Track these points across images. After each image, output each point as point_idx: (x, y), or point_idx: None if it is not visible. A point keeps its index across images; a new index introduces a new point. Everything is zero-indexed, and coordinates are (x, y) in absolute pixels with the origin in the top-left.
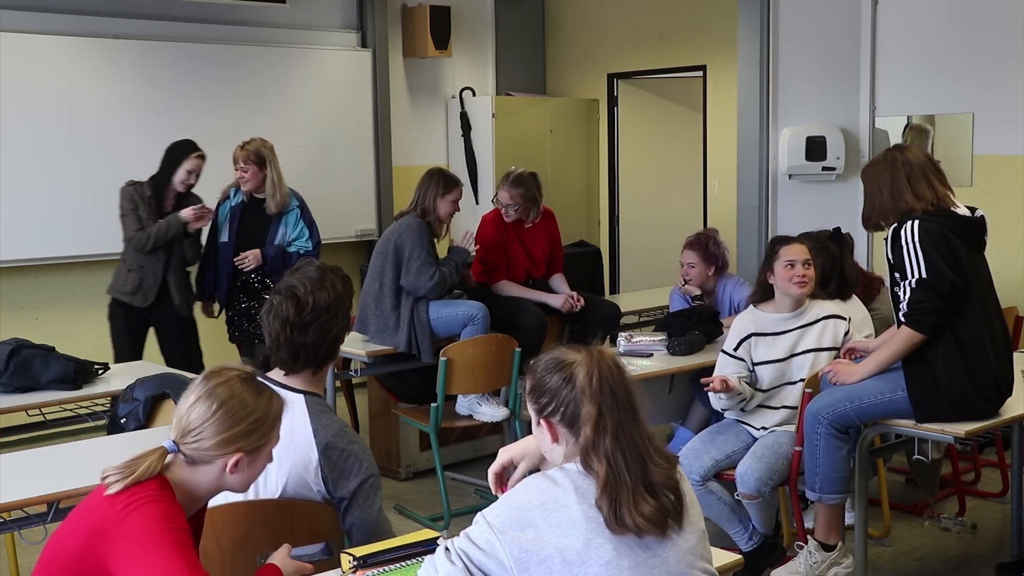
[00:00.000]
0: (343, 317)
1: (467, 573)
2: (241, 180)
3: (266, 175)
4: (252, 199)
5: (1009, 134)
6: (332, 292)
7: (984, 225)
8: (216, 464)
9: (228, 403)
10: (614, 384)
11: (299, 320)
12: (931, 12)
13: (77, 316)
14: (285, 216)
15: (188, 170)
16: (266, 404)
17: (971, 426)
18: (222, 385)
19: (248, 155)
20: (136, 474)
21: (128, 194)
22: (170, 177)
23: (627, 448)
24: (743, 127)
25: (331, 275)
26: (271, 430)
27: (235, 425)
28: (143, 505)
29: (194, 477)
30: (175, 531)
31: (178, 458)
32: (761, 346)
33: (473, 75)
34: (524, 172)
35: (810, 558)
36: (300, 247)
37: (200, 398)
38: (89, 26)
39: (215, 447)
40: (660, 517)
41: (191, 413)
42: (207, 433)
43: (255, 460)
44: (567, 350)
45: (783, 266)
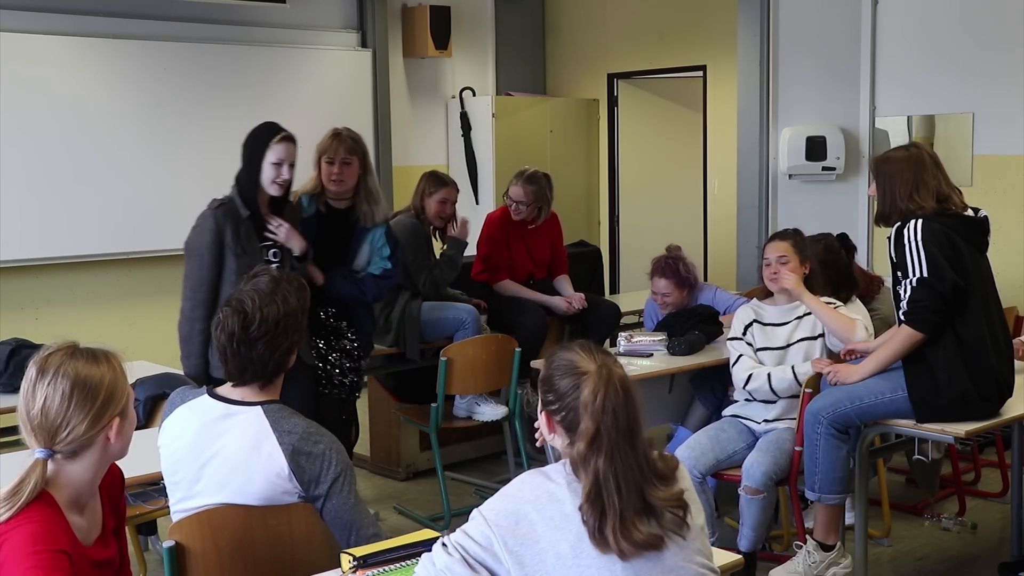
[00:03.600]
0: (294, 332)
1: (465, 564)
2: (332, 180)
3: (365, 175)
4: (329, 209)
5: (1009, 134)
6: (282, 307)
7: (987, 225)
8: (97, 443)
9: (78, 383)
10: (617, 407)
11: (245, 335)
12: (931, 12)
13: (77, 316)
14: (372, 232)
15: (274, 161)
16: (107, 367)
17: (971, 426)
18: (59, 369)
19: (351, 146)
20: (23, 500)
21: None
22: (257, 177)
23: (620, 471)
24: (743, 127)
25: (285, 286)
26: (126, 383)
27: (96, 399)
28: (12, 532)
29: (80, 467)
30: (40, 554)
31: (57, 459)
32: (761, 334)
33: (473, 75)
34: (539, 171)
35: (809, 558)
36: (379, 267)
37: (47, 392)
38: (89, 26)
39: (89, 428)
40: (655, 542)
41: (47, 411)
42: (75, 420)
43: (126, 418)
44: (583, 355)
45: (764, 264)
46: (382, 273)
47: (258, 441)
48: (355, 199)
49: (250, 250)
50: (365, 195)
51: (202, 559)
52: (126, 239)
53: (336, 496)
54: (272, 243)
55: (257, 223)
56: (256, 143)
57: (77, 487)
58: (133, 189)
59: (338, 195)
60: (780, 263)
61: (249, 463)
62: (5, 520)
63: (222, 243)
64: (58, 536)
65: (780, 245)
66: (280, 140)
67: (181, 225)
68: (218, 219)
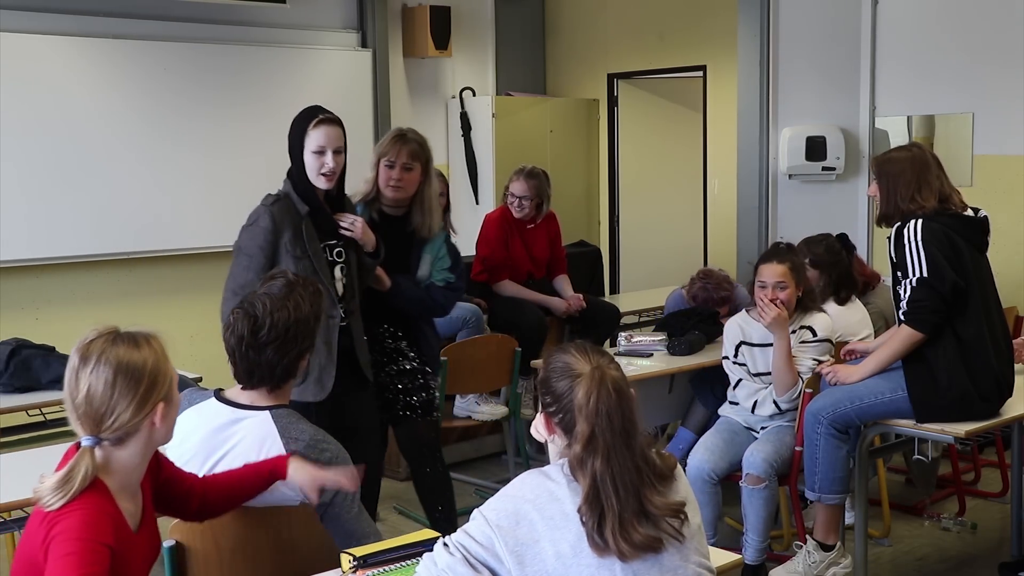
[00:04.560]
0: (304, 338)
1: (466, 564)
2: (390, 186)
3: (425, 183)
4: (384, 216)
5: (1009, 134)
6: (294, 313)
7: (987, 225)
8: (143, 428)
9: (120, 369)
10: (611, 409)
11: (254, 340)
12: (931, 12)
13: (77, 316)
14: (430, 242)
15: (315, 149)
16: (148, 350)
17: (971, 426)
18: (101, 356)
19: (415, 150)
20: (75, 488)
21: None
22: (304, 170)
23: (617, 473)
24: (743, 127)
25: (300, 291)
26: (168, 366)
27: (139, 384)
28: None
29: (127, 452)
30: (81, 541)
31: (105, 446)
32: (750, 357)
33: (473, 75)
34: (537, 167)
35: (808, 558)
36: (443, 279)
37: (90, 380)
38: (89, 26)
39: (135, 414)
40: (654, 544)
41: (91, 398)
42: (121, 407)
43: (171, 403)
44: (579, 356)
45: (758, 285)
46: (446, 284)
47: (264, 446)
48: (410, 208)
49: (312, 252)
50: (420, 205)
51: (202, 559)
52: (126, 239)
53: (339, 505)
54: (335, 243)
55: (317, 221)
56: (294, 132)
57: (127, 473)
58: (133, 189)
59: (396, 202)
60: (778, 288)
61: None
62: (58, 509)
63: (278, 244)
64: (104, 527)
65: (778, 269)
66: (317, 124)
67: (181, 225)
68: (275, 217)
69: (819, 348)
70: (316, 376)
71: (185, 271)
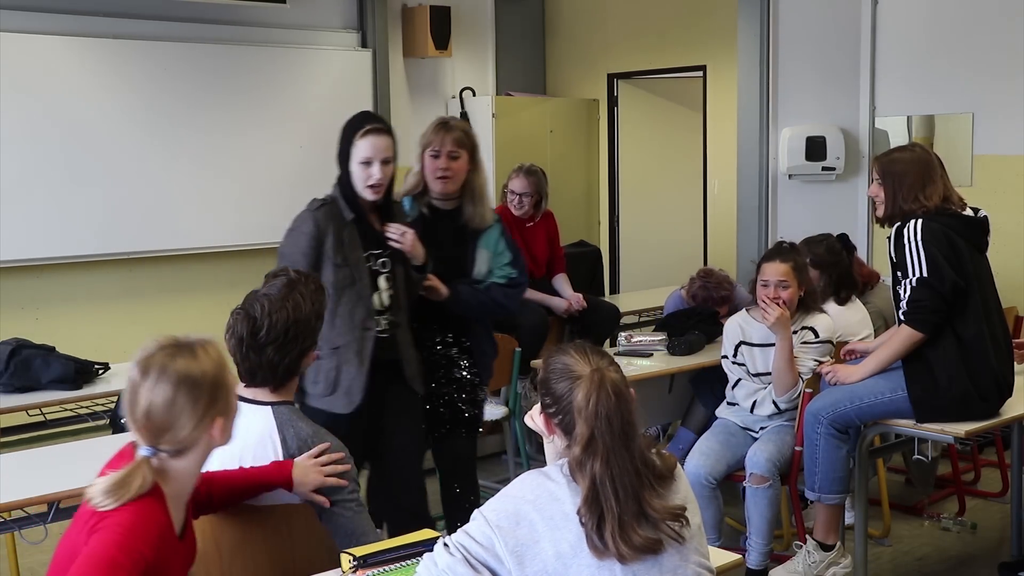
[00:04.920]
0: (305, 337)
1: (467, 564)
2: (438, 178)
3: (473, 172)
4: (434, 210)
5: (1009, 134)
6: (292, 313)
7: (987, 225)
8: (202, 441)
9: (180, 383)
10: (610, 411)
11: (253, 341)
12: (931, 12)
13: (77, 316)
14: (485, 235)
15: (362, 160)
16: (206, 360)
17: (971, 426)
18: (163, 369)
19: (460, 137)
20: (129, 495)
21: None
22: (350, 178)
23: (616, 474)
24: (743, 127)
25: (300, 290)
26: (227, 377)
27: (199, 399)
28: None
29: (184, 463)
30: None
31: (161, 456)
32: (750, 357)
33: (473, 75)
34: (535, 165)
35: (808, 558)
36: (504, 275)
37: (150, 397)
38: (89, 26)
39: (194, 428)
40: (654, 546)
41: (150, 410)
42: (180, 422)
43: (229, 414)
44: (578, 358)
45: (760, 284)
46: (508, 282)
47: (262, 441)
48: (461, 198)
49: (353, 260)
50: (470, 194)
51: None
52: (126, 239)
53: (338, 505)
54: (380, 252)
55: (363, 229)
56: (342, 139)
57: (183, 482)
58: (133, 189)
59: (445, 194)
60: (780, 288)
61: (254, 462)
62: (109, 510)
63: (321, 250)
64: (148, 536)
65: (781, 268)
66: (365, 134)
67: (181, 225)
68: (319, 221)
69: (820, 349)
70: (345, 387)
71: (185, 271)
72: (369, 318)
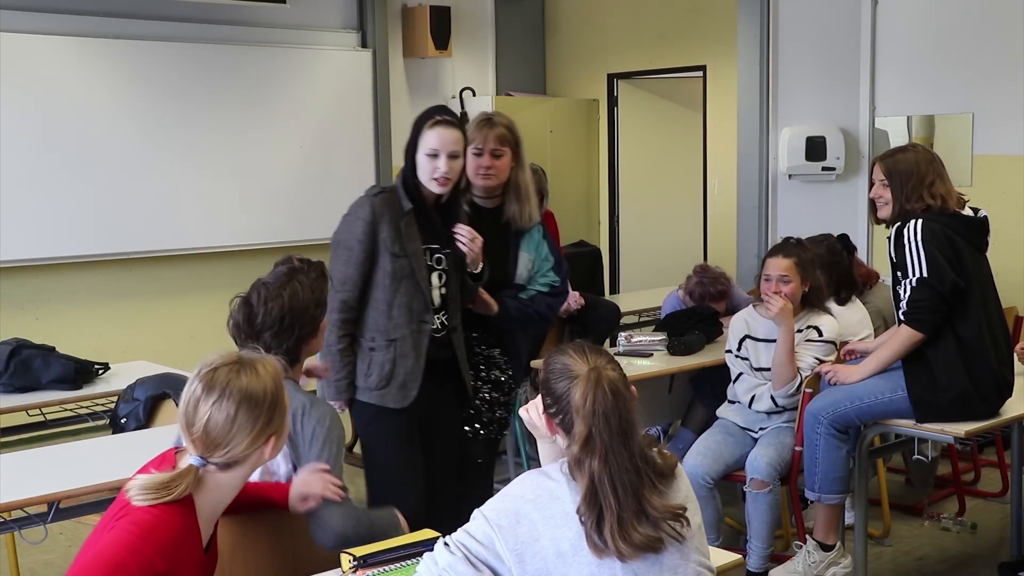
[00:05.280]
0: (303, 325)
1: (467, 563)
2: (480, 175)
3: (517, 169)
4: (476, 208)
5: (1009, 134)
6: (289, 301)
7: (987, 225)
8: (252, 457)
9: (242, 402)
10: (607, 410)
11: (250, 329)
12: (931, 12)
13: (77, 316)
14: (527, 236)
15: (428, 152)
16: (267, 378)
17: (971, 426)
18: (227, 387)
19: (503, 134)
20: (167, 499)
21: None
22: (415, 170)
23: (615, 473)
24: (743, 127)
25: (300, 278)
26: (284, 398)
27: (258, 419)
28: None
29: (230, 476)
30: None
31: (209, 468)
32: (754, 351)
33: (473, 75)
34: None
35: (808, 558)
36: (547, 282)
37: (211, 412)
38: (89, 26)
39: (249, 447)
40: (654, 544)
41: (209, 425)
42: (237, 439)
43: (283, 431)
44: (577, 357)
45: (763, 278)
46: (551, 290)
47: None
48: (504, 196)
49: (411, 251)
50: (514, 192)
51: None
52: (126, 239)
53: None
54: (436, 248)
55: (423, 221)
56: (412, 129)
57: (222, 495)
58: (133, 189)
59: (488, 191)
60: (781, 282)
61: None
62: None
63: (376, 237)
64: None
65: (783, 263)
66: (434, 125)
67: (181, 225)
68: (375, 208)
69: (823, 348)
70: (401, 382)
71: (185, 271)
72: (427, 311)
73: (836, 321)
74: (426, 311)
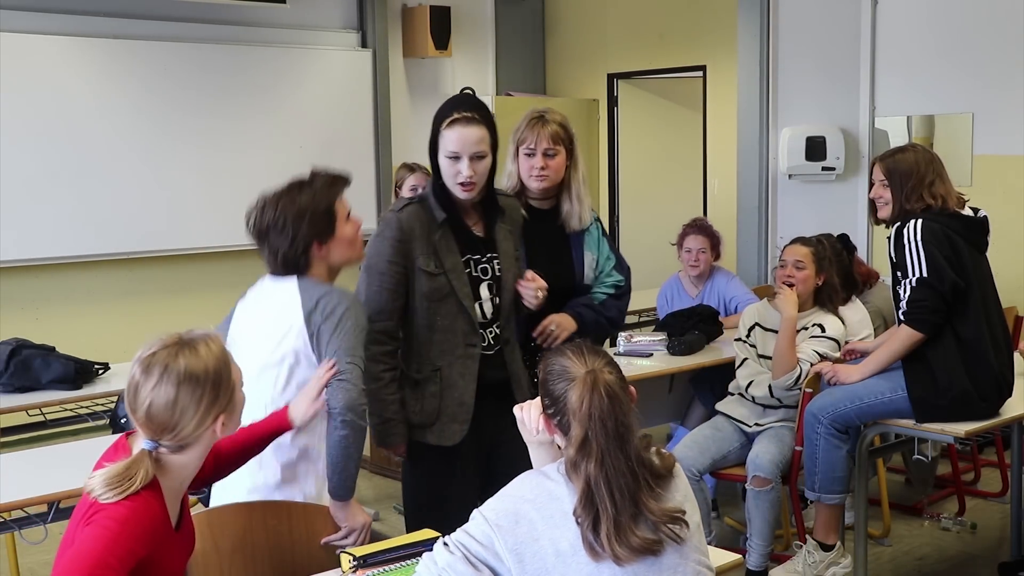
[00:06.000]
0: (311, 226)
1: (467, 563)
2: (533, 176)
3: (573, 168)
4: (532, 210)
5: (1009, 134)
6: (295, 204)
7: (987, 225)
8: (204, 437)
9: (182, 384)
10: (603, 413)
11: (256, 231)
12: (931, 12)
13: (77, 316)
14: (587, 236)
15: (448, 154)
16: (208, 355)
17: (971, 426)
18: (164, 371)
19: (556, 132)
20: (133, 488)
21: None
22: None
23: (612, 476)
24: (743, 127)
25: (314, 182)
26: (230, 374)
27: (201, 399)
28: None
29: (185, 458)
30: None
31: (162, 451)
32: (762, 339)
33: (473, 75)
34: None
35: (808, 557)
36: (612, 283)
37: (152, 396)
38: (89, 26)
39: (196, 427)
40: (653, 547)
41: (152, 410)
42: (183, 422)
43: (233, 410)
44: (575, 359)
45: (779, 265)
46: (616, 291)
47: (285, 308)
48: (558, 196)
49: (449, 266)
50: (568, 193)
51: (202, 559)
52: (126, 239)
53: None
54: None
55: (459, 231)
56: (431, 128)
57: (182, 476)
58: (133, 189)
59: (543, 192)
60: (795, 267)
61: (276, 327)
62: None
63: (409, 256)
64: (139, 533)
65: (800, 250)
66: (451, 124)
67: (181, 225)
68: (402, 224)
69: (826, 344)
70: (450, 415)
71: (185, 271)
72: (473, 333)
73: (840, 323)
74: (473, 332)
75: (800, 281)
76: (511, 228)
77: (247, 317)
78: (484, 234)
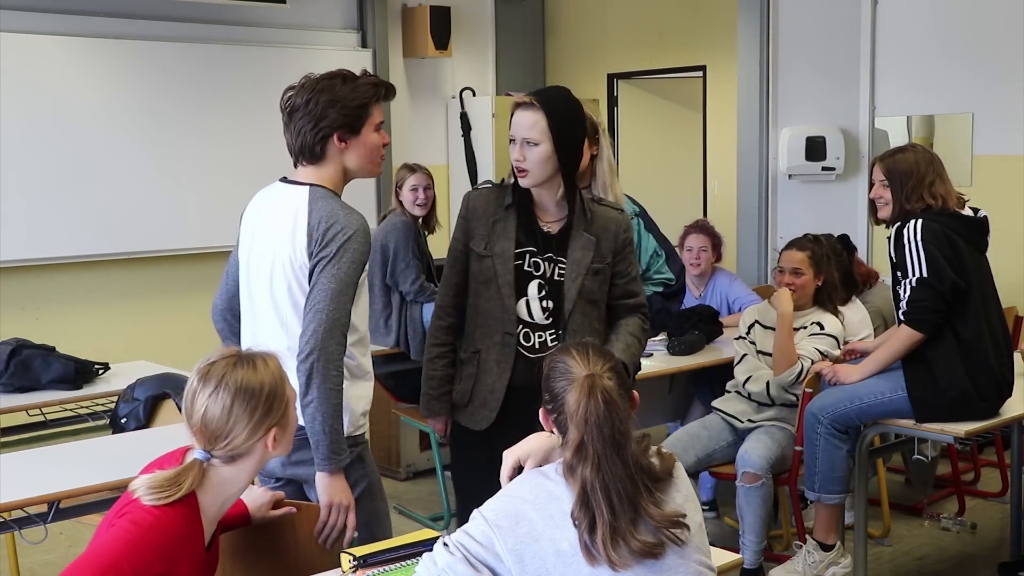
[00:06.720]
0: (336, 117)
1: (466, 563)
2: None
3: (597, 159)
4: None
5: (1009, 134)
6: (326, 92)
7: (987, 225)
8: (256, 450)
9: (239, 393)
10: (600, 420)
11: (286, 115)
12: (931, 12)
13: (77, 316)
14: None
15: (510, 137)
16: (266, 371)
17: (971, 426)
18: (222, 379)
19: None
20: (176, 496)
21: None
22: None
23: (609, 481)
24: (743, 127)
25: (349, 77)
26: (285, 390)
27: (256, 409)
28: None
29: (235, 471)
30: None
31: (213, 462)
32: (762, 337)
33: (473, 75)
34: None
35: (808, 557)
36: (661, 281)
37: (207, 403)
38: (89, 26)
39: (248, 438)
40: (654, 550)
41: (206, 417)
42: (236, 430)
43: (286, 426)
44: (578, 360)
45: (777, 270)
46: (666, 289)
47: (293, 215)
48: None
49: (497, 251)
50: (594, 181)
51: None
52: (126, 239)
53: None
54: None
55: (522, 220)
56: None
57: (228, 491)
58: (134, 189)
59: None
60: (793, 274)
61: (278, 232)
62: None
63: (468, 234)
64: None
65: (797, 256)
66: (514, 108)
67: (181, 225)
68: (470, 203)
69: (825, 341)
70: (481, 400)
71: (185, 271)
72: (510, 323)
73: (839, 322)
74: (510, 323)
75: (800, 287)
76: (600, 240)
77: (251, 218)
78: (557, 233)
